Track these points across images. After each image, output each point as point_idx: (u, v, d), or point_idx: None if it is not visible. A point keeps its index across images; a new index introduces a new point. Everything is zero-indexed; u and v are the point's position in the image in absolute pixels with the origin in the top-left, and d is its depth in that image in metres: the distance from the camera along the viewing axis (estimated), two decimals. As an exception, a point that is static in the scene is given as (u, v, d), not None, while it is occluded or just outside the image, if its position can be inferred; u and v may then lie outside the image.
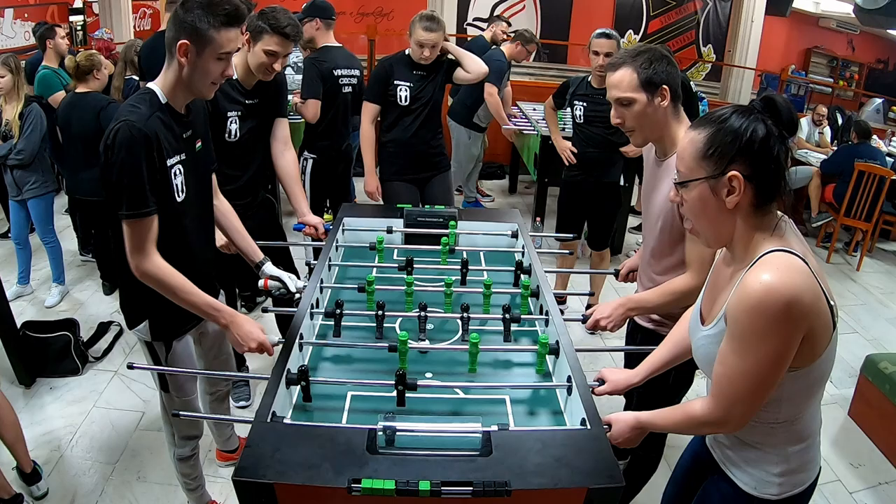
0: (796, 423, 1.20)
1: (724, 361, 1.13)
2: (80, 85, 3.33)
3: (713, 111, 1.17)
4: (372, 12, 7.83)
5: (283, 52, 2.17)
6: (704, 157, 1.13)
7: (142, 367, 1.73)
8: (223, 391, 2.20)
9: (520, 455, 1.24)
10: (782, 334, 1.05)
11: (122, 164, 1.44)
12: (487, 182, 6.13)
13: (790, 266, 1.06)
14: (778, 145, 1.10)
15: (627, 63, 1.64)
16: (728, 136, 1.11)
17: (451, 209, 2.43)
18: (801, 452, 1.23)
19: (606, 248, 3.61)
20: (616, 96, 1.67)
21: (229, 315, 1.63)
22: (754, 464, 1.25)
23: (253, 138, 2.33)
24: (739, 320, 1.08)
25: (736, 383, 1.11)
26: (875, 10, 5.84)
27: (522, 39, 4.60)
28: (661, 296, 1.76)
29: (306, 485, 1.16)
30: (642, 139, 1.74)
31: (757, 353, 1.07)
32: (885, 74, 9.28)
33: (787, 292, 1.03)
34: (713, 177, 1.12)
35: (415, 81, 2.98)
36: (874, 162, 4.73)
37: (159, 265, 1.52)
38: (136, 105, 1.50)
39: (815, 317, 1.06)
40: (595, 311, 1.85)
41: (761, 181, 1.11)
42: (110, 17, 6.40)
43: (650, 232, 1.84)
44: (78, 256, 4.17)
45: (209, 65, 1.50)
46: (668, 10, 8.26)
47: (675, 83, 1.65)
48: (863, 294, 4.47)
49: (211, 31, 1.46)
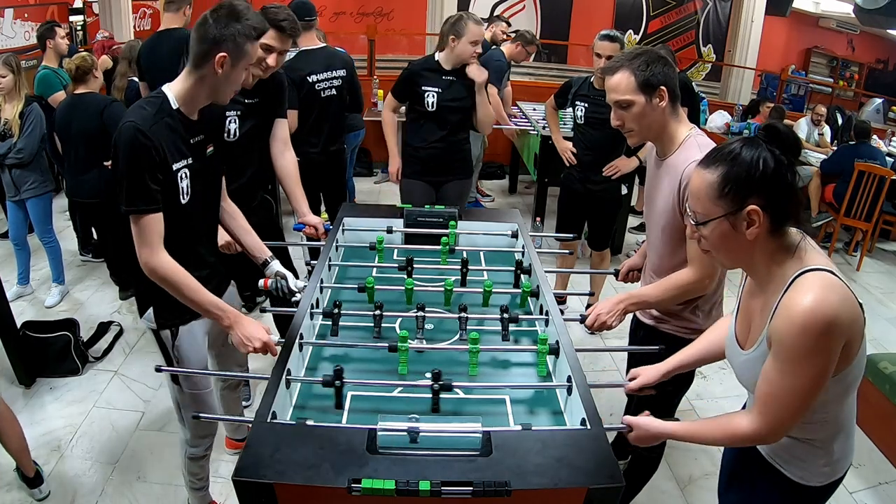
0: (839, 417, 1.27)
1: (770, 381, 1.17)
2: (79, 86, 3.31)
3: (720, 147, 1.19)
4: (372, 12, 7.82)
5: (278, 48, 2.18)
6: (721, 195, 1.15)
7: (168, 369, 1.75)
8: (235, 380, 2.24)
9: (520, 455, 1.24)
10: (826, 352, 1.11)
11: (124, 161, 1.49)
12: (487, 182, 6.13)
13: (827, 285, 1.11)
14: (788, 172, 1.13)
15: (625, 66, 1.66)
16: (741, 172, 1.13)
17: (451, 209, 2.43)
18: (843, 442, 1.30)
19: (607, 249, 3.60)
20: (615, 99, 1.69)
21: (233, 315, 1.64)
22: (802, 457, 1.31)
23: (252, 138, 2.33)
24: (785, 343, 1.12)
25: (784, 401, 1.16)
26: (875, 10, 5.84)
27: (523, 40, 4.61)
28: (662, 291, 1.76)
29: (306, 485, 1.16)
30: (640, 139, 1.76)
31: (804, 371, 1.12)
32: (885, 74, 9.28)
33: (830, 312, 1.08)
34: (732, 213, 1.15)
35: (444, 87, 2.97)
36: (874, 162, 4.73)
37: (165, 262, 1.56)
38: (144, 107, 1.55)
39: (852, 327, 1.12)
40: (595, 306, 1.85)
41: (777, 209, 1.14)
42: (110, 17, 6.39)
43: (653, 232, 1.84)
44: (78, 256, 4.17)
45: (238, 75, 1.61)
46: (668, 10, 8.25)
47: (672, 84, 1.66)
48: (863, 294, 4.47)
49: (248, 44, 1.57)
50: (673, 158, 1.70)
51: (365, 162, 6.17)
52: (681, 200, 1.65)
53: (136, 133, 1.48)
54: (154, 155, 1.51)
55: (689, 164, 1.60)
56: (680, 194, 1.65)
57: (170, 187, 1.57)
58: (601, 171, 3.32)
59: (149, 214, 1.52)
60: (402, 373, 1.63)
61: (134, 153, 1.48)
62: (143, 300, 1.77)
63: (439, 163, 3.11)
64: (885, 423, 2.78)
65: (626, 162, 3.28)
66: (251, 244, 1.95)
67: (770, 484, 1.37)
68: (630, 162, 3.28)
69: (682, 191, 1.63)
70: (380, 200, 5.50)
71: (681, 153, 1.68)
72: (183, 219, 1.64)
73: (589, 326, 1.84)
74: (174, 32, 3.05)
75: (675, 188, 1.66)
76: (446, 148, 3.08)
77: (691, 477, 2.54)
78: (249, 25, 1.55)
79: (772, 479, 1.36)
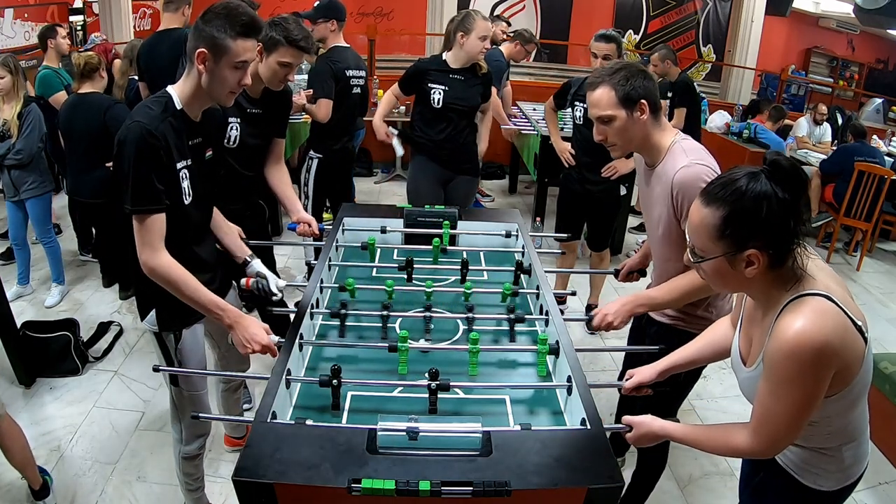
0: (848, 427, 1.28)
1: (762, 402, 1.19)
2: (84, 85, 3.31)
3: (724, 181, 1.15)
4: (372, 12, 7.82)
5: (296, 64, 2.19)
6: (721, 237, 1.14)
7: (166, 369, 1.75)
8: (237, 381, 2.26)
9: (520, 455, 1.24)
10: (814, 378, 1.11)
11: (132, 161, 1.49)
12: (487, 182, 6.13)
13: (819, 311, 1.11)
14: (791, 214, 1.11)
15: (605, 81, 1.67)
16: (743, 216, 1.11)
17: (450, 209, 2.43)
18: (855, 448, 1.32)
19: (606, 249, 3.60)
20: (597, 115, 1.71)
21: (235, 315, 1.64)
22: (813, 464, 1.32)
23: (251, 147, 2.32)
24: (774, 367, 1.14)
25: (775, 421, 1.17)
26: (875, 10, 5.84)
27: (522, 39, 4.60)
28: (669, 292, 1.77)
29: (306, 485, 1.16)
30: (623, 152, 1.80)
31: (792, 396, 1.13)
32: (885, 74, 9.28)
33: (819, 338, 1.08)
34: (731, 254, 1.14)
35: (450, 85, 3.00)
36: (874, 161, 4.73)
37: (167, 262, 1.56)
38: (151, 107, 1.56)
39: (845, 353, 1.12)
40: (602, 307, 1.85)
41: (778, 249, 1.13)
42: (110, 17, 6.37)
43: (654, 239, 1.85)
44: (78, 256, 4.17)
45: (225, 73, 1.56)
46: (668, 10, 8.25)
47: (653, 96, 1.68)
48: (863, 294, 4.47)
49: (228, 40, 1.53)
50: (661, 167, 1.72)
51: (365, 162, 6.17)
52: (675, 207, 1.67)
53: (144, 133, 1.48)
54: (162, 155, 1.52)
55: (677, 170, 1.63)
56: (673, 201, 1.66)
57: (173, 187, 1.59)
58: (600, 171, 3.32)
59: (153, 214, 1.53)
60: (402, 373, 1.63)
61: (142, 153, 1.49)
62: (144, 303, 1.76)
63: (447, 158, 3.15)
64: (885, 423, 2.77)
65: (625, 163, 3.29)
66: (230, 244, 1.96)
67: (783, 487, 1.37)
68: (628, 163, 3.28)
69: (676, 197, 1.65)
70: (380, 200, 5.50)
71: (668, 160, 1.70)
72: (184, 219, 1.65)
73: (595, 327, 1.83)
74: (173, 33, 3.06)
75: (668, 195, 1.67)
76: (453, 145, 3.12)
77: (691, 477, 2.54)
78: (230, 22, 1.51)
79: (784, 482, 1.37)
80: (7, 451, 2.09)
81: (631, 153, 3.28)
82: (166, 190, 1.55)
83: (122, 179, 1.52)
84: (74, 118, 3.31)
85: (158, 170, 1.52)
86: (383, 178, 6.18)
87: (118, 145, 1.52)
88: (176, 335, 1.77)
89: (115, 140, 1.53)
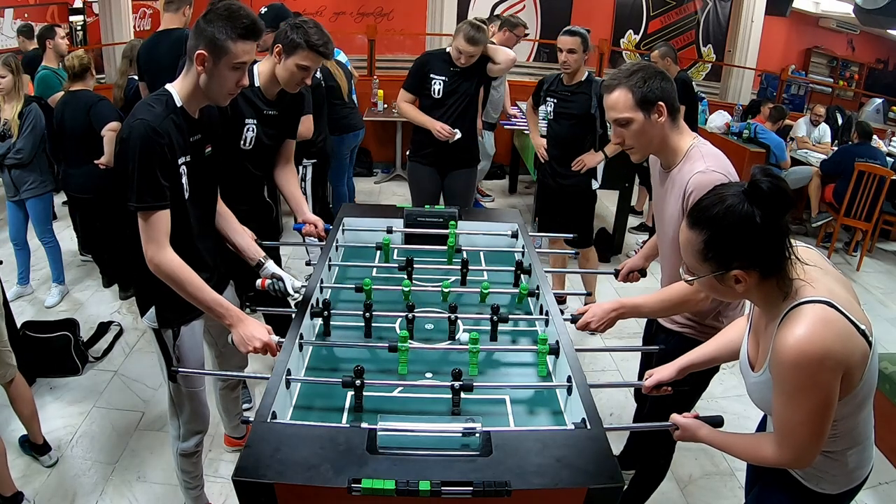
0: (853, 431, 1.28)
1: (779, 414, 1.20)
2: (75, 84, 3.37)
3: (705, 200, 1.16)
4: (372, 12, 7.81)
5: (314, 68, 2.19)
6: (705, 259, 1.17)
7: (182, 370, 1.76)
8: (235, 380, 2.27)
9: (520, 455, 1.24)
10: (822, 385, 1.11)
11: (137, 158, 1.51)
12: (487, 182, 6.12)
13: (819, 319, 1.10)
14: (773, 232, 1.12)
15: (622, 84, 1.65)
16: (723, 239, 1.13)
17: (451, 209, 2.43)
18: (859, 452, 1.31)
19: (590, 247, 3.60)
20: (614, 117, 1.68)
21: (236, 314, 1.65)
22: (817, 467, 1.31)
23: (265, 147, 2.34)
24: (781, 378, 1.15)
25: (797, 432, 1.17)
26: (875, 10, 5.84)
27: (508, 25, 4.50)
28: (657, 301, 1.75)
29: (306, 485, 1.16)
30: (642, 156, 1.75)
31: (804, 405, 1.14)
32: (885, 74, 9.27)
33: (820, 347, 1.08)
34: (718, 274, 1.16)
35: (450, 76, 3.12)
36: (874, 162, 4.72)
37: (171, 259, 1.58)
38: (153, 105, 1.58)
39: (849, 359, 1.12)
40: (588, 310, 1.82)
41: (764, 265, 1.14)
42: (110, 17, 6.37)
43: (664, 243, 1.83)
44: (78, 256, 4.17)
45: (224, 74, 1.58)
46: (668, 10, 8.25)
47: (671, 98, 1.65)
48: (863, 294, 4.47)
49: (228, 42, 1.54)
50: (677, 170, 1.69)
51: (365, 162, 6.18)
52: (686, 210, 1.64)
53: (149, 130, 1.50)
54: (166, 152, 1.54)
55: (693, 174, 1.61)
56: (685, 203, 1.63)
57: (174, 183, 1.60)
58: (570, 165, 3.35)
59: (158, 211, 1.55)
60: (401, 373, 1.63)
61: (147, 150, 1.50)
62: (144, 299, 1.78)
63: (446, 149, 3.20)
64: (886, 424, 2.76)
65: (593, 156, 3.31)
66: (244, 245, 1.96)
67: (786, 490, 1.37)
68: (596, 156, 3.32)
69: (688, 200, 1.62)
70: (380, 200, 5.50)
71: (685, 164, 1.67)
72: (183, 215, 1.66)
73: (578, 328, 1.82)
74: (173, 33, 3.06)
75: (681, 199, 1.65)
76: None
77: (691, 477, 2.54)
78: (231, 24, 1.52)
79: (788, 485, 1.37)
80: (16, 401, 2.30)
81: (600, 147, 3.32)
82: (168, 185, 1.57)
83: (127, 177, 1.52)
84: (65, 115, 3.38)
85: (162, 166, 1.54)
86: (383, 177, 6.18)
87: (121, 143, 1.53)
88: (175, 332, 1.78)
89: (118, 138, 1.55)
